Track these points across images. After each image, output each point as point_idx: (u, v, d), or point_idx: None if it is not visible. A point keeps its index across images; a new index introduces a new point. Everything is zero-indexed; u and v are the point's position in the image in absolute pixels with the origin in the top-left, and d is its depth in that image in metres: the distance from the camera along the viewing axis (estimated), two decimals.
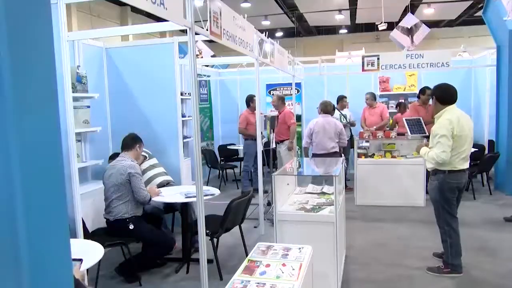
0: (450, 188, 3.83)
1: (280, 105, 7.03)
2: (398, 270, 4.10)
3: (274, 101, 7.12)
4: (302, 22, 18.01)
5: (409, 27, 9.52)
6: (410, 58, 6.84)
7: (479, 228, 5.21)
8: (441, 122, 3.77)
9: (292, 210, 3.66)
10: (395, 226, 5.46)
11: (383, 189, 6.36)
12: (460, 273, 3.92)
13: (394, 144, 6.55)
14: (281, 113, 6.96)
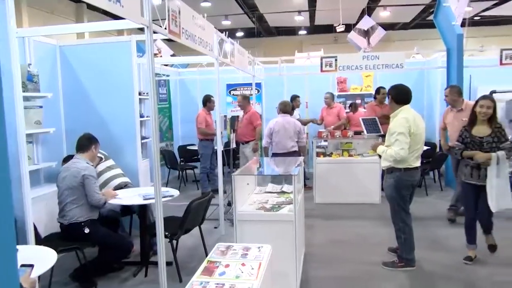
0: (405, 185, 3.98)
1: (246, 105, 6.97)
2: (356, 266, 4.21)
3: (239, 101, 7.07)
4: (262, 22, 18.11)
5: (365, 29, 9.81)
6: (366, 59, 7.04)
7: (431, 223, 5.44)
8: (398, 121, 3.90)
9: (252, 209, 3.68)
10: (352, 223, 5.60)
11: (341, 187, 6.51)
12: (413, 266, 4.08)
13: (351, 143, 6.73)
14: (247, 113, 6.89)
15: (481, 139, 3.92)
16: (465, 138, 4.04)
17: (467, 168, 4.03)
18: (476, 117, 3.99)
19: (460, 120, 5.18)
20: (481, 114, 3.93)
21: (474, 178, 3.98)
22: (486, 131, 3.94)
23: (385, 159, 4.01)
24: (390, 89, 4.12)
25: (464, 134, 4.07)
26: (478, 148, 3.93)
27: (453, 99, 5.34)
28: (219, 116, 5.46)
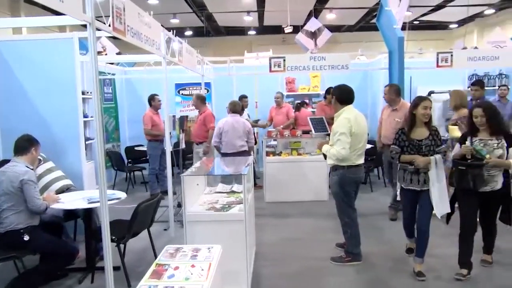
0: (349, 182, 4.11)
1: (200, 105, 6.77)
2: (305, 263, 4.30)
3: (193, 101, 6.92)
4: (211, 21, 18.00)
5: (313, 31, 10.04)
6: (313, 60, 7.19)
7: (376, 218, 5.67)
8: (340, 121, 4.02)
9: (202, 210, 3.65)
10: (302, 221, 5.72)
11: (291, 185, 6.62)
12: (360, 261, 4.23)
13: (300, 142, 6.86)
14: (202, 114, 6.72)
15: (419, 142, 3.74)
16: (402, 141, 3.82)
17: (406, 173, 3.82)
18: (415, 119, 3.79)
19: (393, 119, 5.42)
20: (425, 116, 3.75)
21: (414, 183, 3.78)
22: (424, 134, 3.77)
23: (329, 157, 4.13)
24: (334, 89, 4.23)
25: (401, 137, 3.84)
26: (416, 151, 3.74)
27: (391, 97, 5.56)
28: (167, 116, 5.36)
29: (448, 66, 7.10)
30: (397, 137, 3.88)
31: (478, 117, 3.66)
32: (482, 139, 3.69)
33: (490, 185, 3.61)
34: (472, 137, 3.74)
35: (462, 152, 3.68)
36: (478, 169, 3.57)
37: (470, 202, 3.73)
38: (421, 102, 3.75)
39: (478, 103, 3.90)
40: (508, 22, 17.04)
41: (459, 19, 18.84)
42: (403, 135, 3.84)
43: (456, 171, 3.71)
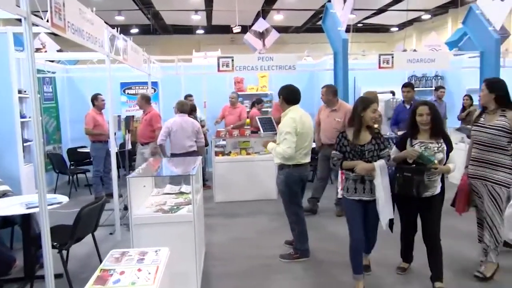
0: (295, 181, 4.19)
1: (145, 105, 6.57)
2: (255, 261, 4.32)
3: (138, 101, 6.68)
4: (158, 19, 17.65)
5: (261, 31, 10.12)
6: (261, 60, 7.26)
7: (322, 215, 5.82)
8: (286, 121, 4.08)
9: (149, 212, 3.57)
10: (252, 220, 5.75)
11: (240, 185, 6.64)
12: (308, 257, 4.33)
13: (248, 141, 6.90)
14: (147, 114, 6.53)
15: (362, 148, 3.42)
16: (343, 146, 3.47)
17: (349, 182, 3.50)
18: (362, 123, 3.44)
19: (333, 119, 5.58)
20: (374, 120, 3.50)
21: (359, 192, 3.46)
22: (366, 138, 3.45)
23: (275, 156, 4.18)
24: (281, 89, 4.28)
25: (342, 141, 3.49)
26: (359, 157, 3.42)
27: (328, 98, 5.67)
28: (112, 116, 5.19)
29: (389, 68, 7.43)
30: (338, 142, 3.52)
31: (423, 115, 3.39)
32: (423, 142, 3.45)
33: (430, 191, 3.43)
34: (412, 139, 3.49)
35: (406, 156, 3.43)
36: (421, 175, 3.36)
37: (411, 209, 3.58)
38: (371, 105, 3.42)
39: (423, 101, 3.62)
40: (442, 27, 18.14)
41: (399, 22, 19.80)
42: (344, 139, 3.48)
43: (401, 178, 3.43)
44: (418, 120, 3.45)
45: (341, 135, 3.53)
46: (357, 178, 3.45)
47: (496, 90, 3.61)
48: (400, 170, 3.47)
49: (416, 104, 3.54)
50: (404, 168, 3.44)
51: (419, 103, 3.55)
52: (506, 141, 3.57)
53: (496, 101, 3.60)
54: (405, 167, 3.44)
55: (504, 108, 3.59)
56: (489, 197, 3.63)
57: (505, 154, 3.58)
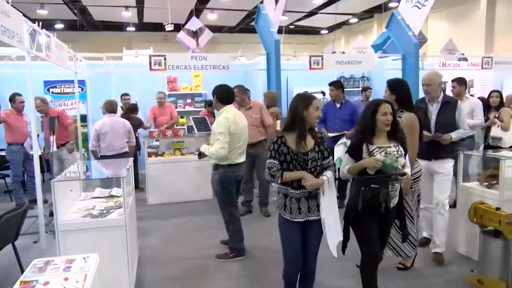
0: (230, 180, 4.20)
1: (46, 108, 6.14)
2: (191, 263, 4.27)
3: (39, 105, 6.04)
4: (85, 15, 16.81)
5: (194, 30, 10.01)
6: (195, 59, 7.18)
7: (258, 213, 5.89)
8: (219, 121, 4.07)
9: (76, 218, 3.39)
10: (187, 221, 5.68)
11: (175, 186, 6.53)
12: (243, 255, 4.36)
13: (182, 142, 6.80)
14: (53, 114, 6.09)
15: (305, 156, 2.82)
16: (282, 154, 2.82)
17: (291, 200, 2.84)
18: (305, 126, 2.85)
19: (250, 117, 5.65)
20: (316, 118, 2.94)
21: (305, 213, 2.85)
22: (309, 144, 2.86)
23: (209, 156, 4.16)
24: (215, 89, 4.25)
25: (280, 148, 2.83)
26: (301, 168, 2.81)
27: (242, 98, 5.71)
28: (34, 117, 4.86)
29: (319, 69, 7.69)
30: (274, 148, 2.85)
31: (387, 114, 2.94)
32: (381, 146, 2.97)
33: (393, 201, 3.03)
34: (368, 145, 2.98)
35: (368, 166, 2.91)
36: (387, 186, 2.91)
37: (372, 225, 2.99)
38: (313, 101, 2.85)
39: (383, 99, 3.18)
40: (369, 30, 19.16)
41: (329, 25, 20.61)
42: (283, 146, 2.82)
43: (367, 191, 2.87)
44: (381, 120, 2.95)
45: (279, 140, 2.85)
46: (302, 195, 2.84)
47: (396, 91, 3.69)
48: (364, 182, 2.90)
49: (378, 102, 3.03)
50: (370, 179, 2.89)
51: (380, 100, 3.07)
52: None
53: (397, 102, 3.64)
54: (370, 178, 2.89)
55: (403, 109, 3.64)
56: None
57: None
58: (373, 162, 2.87)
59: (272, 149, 2.86)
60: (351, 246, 3.11)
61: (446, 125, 3.97)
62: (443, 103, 4.01)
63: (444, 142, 3.93)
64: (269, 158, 2.86)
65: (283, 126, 2.95)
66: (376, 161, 2.86)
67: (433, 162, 4.04)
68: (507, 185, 3.85)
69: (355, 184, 3.01)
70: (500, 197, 3.83)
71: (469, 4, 15.00)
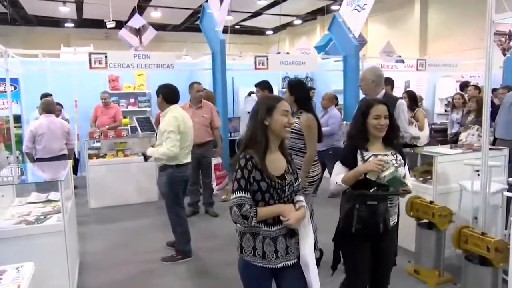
0: (178, 181, 4.14)
1: None
2: (136, 267, 4.16)
3: None
4: (18, 8, 15.80)
5: (137, 28, 9.76)
6: (138, 58, 6.97)
7: (203, 215, 5.84)
8: (168, 120, 4.00)
9: (9, 225, 3.19)
10: (131, 224, 5.51)
11: (119, 188, 6.31)
12: (190, 257, 4.31)
13: (126, 142, 6.59)
14: None
15: (282, 181, 2.13)
16: (254, 181, 2.08)
17: (263, 241, 2.13)
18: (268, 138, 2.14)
19: (201, 116, 5.62)
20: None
21: (282, 256, 2.15)
22: (281, 163, 2.19)
23: (158, 158, 4.06)
24: (160, 88, 4.18)
25: (250, 173, 2.08)
26: (278, 197, 2.12)
27: (194, 96, 5.70)
28: None
29: (264, 69, 7.76)
30: (245, 175, 2.07)
31: (381, 117, 2.50)
32: (376, 154, 2.52)
33: (392, 219, 2.61)
34: (362, 152, 2.53)
35: (367, 170, 2.43)
36: (385, 201, 2.47)
37: (366, 251, 2.54)
38: (278, 104, 2.17)
39: (378, 99, 2.85)
40: (312, 32, 19.66)
41: (273, 26, 20.89)
42: (254, 169, 2.08)
43: (363, 209, 2.40)
44: (373, 124, 2.51)
45: (249, 162, 2.07)
46: (279, 233, 2.14)
47: (296, 92, 3.70)
48: (360, 198, 2.42)
49: (369, 103, 2.57)
50: (367, 194, 2.41)
51: (373, 100, 2.62)
52: (302, 144, 3.62)
53: (296, 103, 3.66)
54: (367, 193, 2.41)
55: (302, 110, 3.64)
56: None
57: (302, 156, 3.62)
58: (375, 164, 2.39)
59: (240, 177, 2.06)
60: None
61: None
62: None
63: None
64: (235, 191, 2.06)
65: (243, 142, 2.18)
66: (379, 163, 2.39)
67: None
68: (440, 180, 4.11)
69: (347, 200, 2.48)
70: (434, 191, 4.08)
71: (405, 9, 15.86)
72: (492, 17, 3.76)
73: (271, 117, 2.14)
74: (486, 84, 3.81)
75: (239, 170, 2.10)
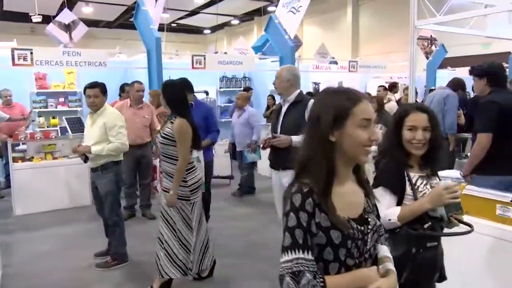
0: (122, 178, 4.16)
1: None
2: (67, 276, 3.94)
3: None
4: None
5: (66, 23, 9.25)
6: (67, 55, 6.61)
7: (140, 218, 5.68)
8: (114, 115, 4.03)
9: None
10: (62, 231, 5.21)
11: (48, 193, 5.93)
12: (126, 261, 4.17)
13: (55, 144, 6.21)
14: None
15: (363, 226, 1.38)
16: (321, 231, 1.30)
17: None
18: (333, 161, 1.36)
19: (142, 117, 5.51)
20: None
21: None
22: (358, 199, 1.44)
23: (98, 157, 3.91)
24: (95, 85, 4.06)
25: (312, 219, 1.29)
26: (358, 253, 1.37)
27: (134, 96, 5.54)
28: None
29: (202, 68, 7.71)
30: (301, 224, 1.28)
31: (418, 129, 1.92)
32: (422, 176, 1.98)
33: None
34: (408, 173, 1.95)
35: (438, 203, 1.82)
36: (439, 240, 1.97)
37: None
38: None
39: (417, 104, 2.21)
40: (249, 32, 19.85)
41: (211, 25, 20.81)
42: (319, 213, 1.30)
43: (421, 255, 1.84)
44: (407, 137, 1.94)
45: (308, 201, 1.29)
46: None
47: (168, 94, 3.44)
48: (417, 241, 1.84)
49: (404, 109, 2.03)
50: (427, 234, 1.85)
51: (410, 106, 2.05)
52: (176, 151, 3.36)
53: (170, 106, 3.42)
54: (427, 233, 1.85)
55: (176, 115, 3.38)
56: (162, 214, 3.48)
57: (175, 164, 3.36)
58: (450, 197, 1.78)
59: (295, 226, 1.28)
60: None
61: (291, 128, 3.37)
62: (292, 103, 3.50)
63: (279, 145, 3.38)
64: (288, 250, 1.28)
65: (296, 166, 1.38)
66: (455, 195, 1.79)
67: (281, 172, 3.44)
68: None
69: (401, 242, 1.82)
70: None
71: (338, 12, 16.52)
72: (415, 23, 4.03)
73: (342, 130, 1.33)
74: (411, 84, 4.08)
75: (292, 213, 1.28)
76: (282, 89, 3.53)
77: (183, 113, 3.37)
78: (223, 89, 9.97)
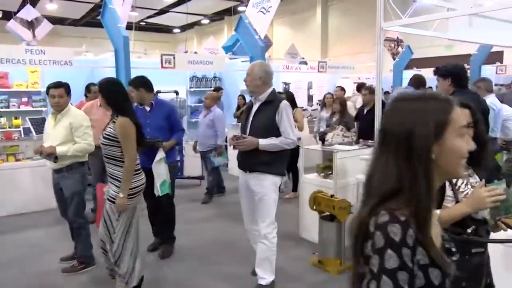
0: (87, 178, 4.14)
1: None
2: (30, 282, 3.82)
3: None
4: None
5: (29, 20, 8.94)
6: (30, 53, 6.39)
7: None
8: (80, 116, 3.98)
9: None
10: (25, 235, 5.04)
11: (10, 196, 5.71)
12: (94, 264, 4.07)
13: (18, 146, 6.00)
14: None
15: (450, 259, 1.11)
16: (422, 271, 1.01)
17: None
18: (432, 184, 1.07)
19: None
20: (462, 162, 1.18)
21: None
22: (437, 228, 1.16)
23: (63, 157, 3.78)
24: (61, 84, 3.97)
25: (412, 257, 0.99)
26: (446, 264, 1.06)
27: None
28: None
29: (171, 68, 7.61)
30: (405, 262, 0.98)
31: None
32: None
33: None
34: None
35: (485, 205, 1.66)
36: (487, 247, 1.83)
37: None
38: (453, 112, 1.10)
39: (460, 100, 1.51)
40: (220, 32, 19.79)
41: (181, 25, 20.62)
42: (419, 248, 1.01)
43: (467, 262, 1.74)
44: None
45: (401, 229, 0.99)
46: None
47: (106, 93, 3.33)
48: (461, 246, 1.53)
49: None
50: (471, 240, 1.74)
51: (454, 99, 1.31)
52: (119, 152, 3.19)
53: (110, 106, 3.29)
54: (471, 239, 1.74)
55: (118, 114, 3.22)
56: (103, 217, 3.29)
57: (119, 166, 3.20)
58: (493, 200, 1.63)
59: (397, 267, 0.99)
60: None
61: (261, 129, 3.27)
62: (264, 102, 3.33)
63: (244, 149, 3.28)
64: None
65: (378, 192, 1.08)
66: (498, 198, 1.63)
67: (249, 174, 3.37)
68: (339, 175, 4.39)
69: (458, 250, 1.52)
70: (334, 185, 4.35)
71: (307, 13, 16.70)
72: (381, 24, 4.12)
73: (441, 142, 1.07)
74: (378, 85, 4.16)
75: (389, 250, 0.99)
76: (254, 87, 3.34)
77: (124, 112, 3.21)
78: (193, 89, 9.90)
